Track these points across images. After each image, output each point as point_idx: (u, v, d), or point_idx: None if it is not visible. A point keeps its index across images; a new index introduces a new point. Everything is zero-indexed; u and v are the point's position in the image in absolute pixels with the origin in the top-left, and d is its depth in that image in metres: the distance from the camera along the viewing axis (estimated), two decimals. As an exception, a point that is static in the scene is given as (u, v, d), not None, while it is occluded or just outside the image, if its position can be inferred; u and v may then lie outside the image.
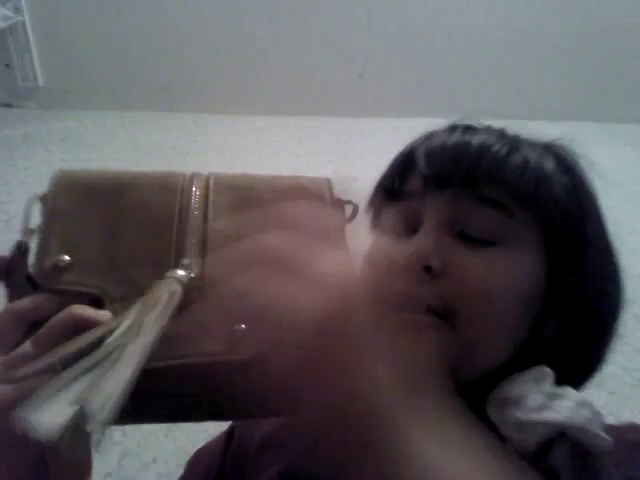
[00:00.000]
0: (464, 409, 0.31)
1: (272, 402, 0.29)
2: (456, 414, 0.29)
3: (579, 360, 0.46)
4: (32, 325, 0.31)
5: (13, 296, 0.32)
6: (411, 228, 0.44)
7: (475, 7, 2.32)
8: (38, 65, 2.42)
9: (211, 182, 0.34)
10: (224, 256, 0.28)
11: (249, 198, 0.34)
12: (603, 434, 0.37)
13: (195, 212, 0.33)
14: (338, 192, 0.37)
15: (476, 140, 0.44)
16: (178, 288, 0.29)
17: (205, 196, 0.34)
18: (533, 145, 0.47)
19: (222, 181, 0.35)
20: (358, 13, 2.33)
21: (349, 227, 0.34)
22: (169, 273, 0.30)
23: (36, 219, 0.35)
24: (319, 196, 0.36)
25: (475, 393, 0.39)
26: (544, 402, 0.38)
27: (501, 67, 2.43)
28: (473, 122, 0.49)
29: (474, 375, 0.42)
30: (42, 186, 0.37)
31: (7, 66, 2.41)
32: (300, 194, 0.36)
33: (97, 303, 0.31)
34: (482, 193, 0.41)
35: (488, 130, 0.48)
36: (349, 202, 0.37)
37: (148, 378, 0.26)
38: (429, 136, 0.51)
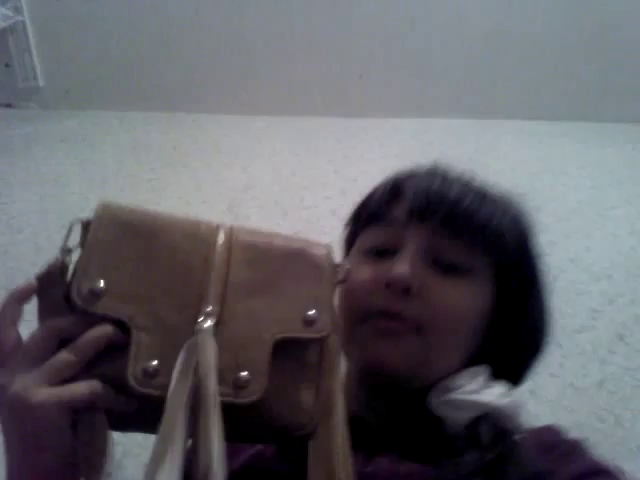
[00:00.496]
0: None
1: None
2: None
3: (514, 366, 0.58)
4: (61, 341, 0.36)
5: (46, 310, 0.37)
6: (391, 249, 0.53)
7: (475, 8, 2.32)
8: (38, 65, 2.42)
9: (234, 237, 0.39)
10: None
11: (264, 258, 0.40)
12: (520, 418, 0.48)
13: (218, 264, 0.37)
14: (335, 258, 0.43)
15: (454, 190, 0.54)
16: (214, 344, 0.34)
17: (228, 250, 0.38)
18: (496, 199, 0.59)
19: (243, 237, 0.40)
20: (359, 13, 2.33)
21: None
22: (199, 325, 0.35)
23: (74, 240, 0.40)
24: (320, 262, 0.42)
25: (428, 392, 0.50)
26: (476, 389, 0.49)
27: (501, 67, 2.43)
28: (448, 168, 0.62)
29: (434, 377, 0.51)
30: (42, 186, 0.39)
31: (7, 66, 2.41)
32: (305, 259, 0.42)
33: (123, 329, 0.36)
34: (455, 232, 0.52)
35: (461, 180, 0.58)
36: (343, 266, 0.44)
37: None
38: (414, 175, 0.61)
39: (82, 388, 0.35)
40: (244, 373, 0.35)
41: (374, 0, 2.31)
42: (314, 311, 0.39)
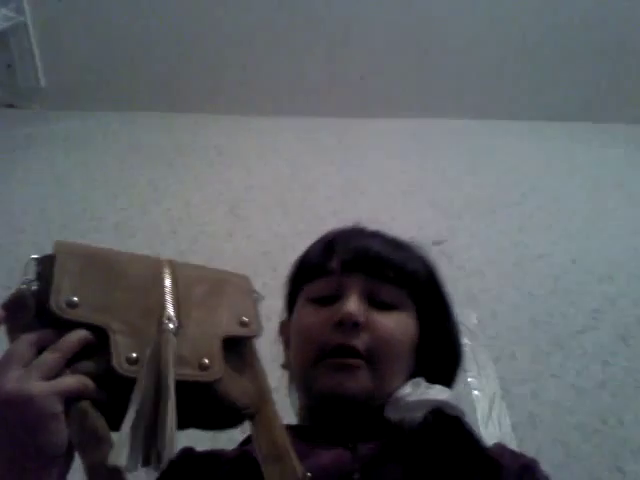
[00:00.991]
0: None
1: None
2: None
3: (443, 374, 0.70)
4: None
5: (17, 331, 0.44)
6: (333, 296, 0.64)
7: (476, 8, 2.32)
8: (40, 66, 2.42)
9: (175, 267, 0.51)
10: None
11: (201, 282, 0.51)
12: (461, 406, 0.59)
13: (169, 285, 0.48)
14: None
15: (374, 244, 0.69)
16: (174, 340, 0.44)
17: (173, 276, 0.49)
18: (407, 247, 0.72)
19: (182, 268, 0.51)
20: (360, 14, 2.33)
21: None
22: (164, 326, 0.44)
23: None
24: (244, 285, 0.55)
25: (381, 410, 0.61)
26: (423, 391, 0.60)
27: (502, 68, 2.43)
28: (371, 226, 0.75)
29: (384, 398, 0.61)
30: (43, 186, 0.40)
31: (9, 67, 2.41)
32: (231, 284, 0.54)
33: (98, 335, 0.43)
34: (380, 277, 0.65)
35: (379, 234, 0.73)
36: (259, 295, 0.55)
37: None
38: (342, 233, 0.74)
39: (72, 380, 0.41)
40: (206, 360, 0.45)
41: (375, 1, 2.31)
42: (246, 318, 0.51)
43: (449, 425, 0.58)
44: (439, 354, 0.70)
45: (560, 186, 2.00)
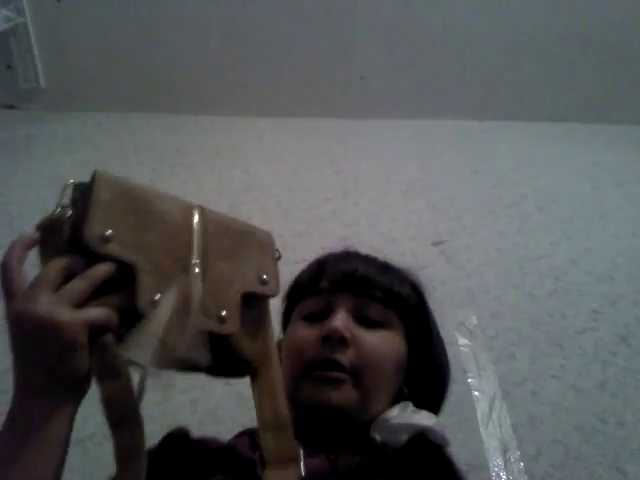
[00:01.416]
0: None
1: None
2: None
3: (430, 399, 0.71)
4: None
5: (48, 254, 0.44)
6: (323, 313, 0.67)
7: (476, 10, 2.32)
8: (40, 67, 2.43)
9: (205, 213, 0.50)
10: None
11: (228, 232, 0.51)
12: (445, 434, 0.60)
13: (198, 232, 0.48)
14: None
15: (361, 266, 0.71)
16: (200, 284, 0.45)
17: (203, 223, 0.49)
18: (396, 270, 0.74)
19: (212, 215, 0.51)
20: (360, 15, 2.33)
21: None
22: (192, 272, 0.45)
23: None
24: (266, 242, 0.55)
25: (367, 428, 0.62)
26: (409, 415, 0.62)
27: (502, 69, 2.43)
28: (358, 249, 0.77)
29: (368, 416, 0.62)
30: (44, 187, 0.41)
31: (9, 68, 2.41)
32: (255, 238, 0.54)
33: (124, 271, 0.44)
34: (368, 296, 0.68)
35: (368, 258, 0.75)
36: (279, 254, 0.55)
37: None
38: (332, 255, 0.76)
39: (100, 311, 0.42)
40: (224, 312, 0.46)
41: (375, 2, 2.31)
42: (266, 276, 0.51)
43: (431, 452, 0.59)
44: (425, 378, 0.71)
45: (560, 186, 2.00)
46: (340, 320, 0.64)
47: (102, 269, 0.43)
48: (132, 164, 2.07)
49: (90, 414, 0.44)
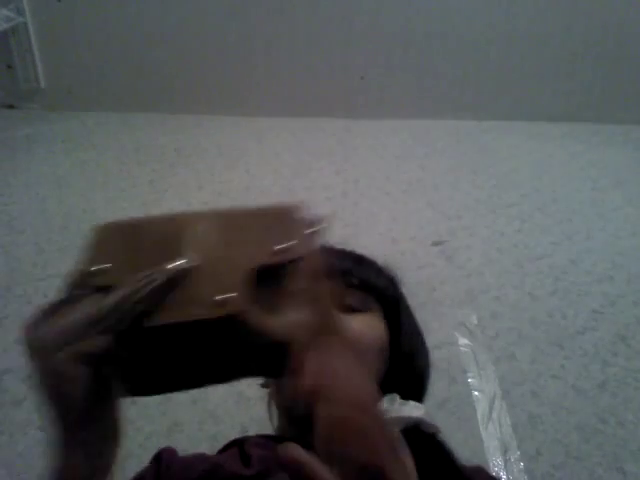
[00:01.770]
0: None
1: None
2: None
3: (414, 388, 0.74)
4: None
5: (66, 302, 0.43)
6: None
7: (476, 9, 2.32)
8: (40, 66, 2.43)
9: (202, 215, 0.47)
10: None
11: (232, 217, 0.47)
12: (434, 423, 0.61)
13: (191, 227, 0.45)
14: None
15: (338, 260, 0.72)
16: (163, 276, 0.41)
17: (195, 222, 0.46)
18: (372, 264, 0.76)
19: (211, 213, 0.47)
20: (360, 15, 2.33)
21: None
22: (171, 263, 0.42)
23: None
24: (290, 210, 0.46)
25: None
26: (398, 408, 0.62)
27: (502, 69, 2.43)
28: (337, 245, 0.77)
29: None
30: (44, 187, 0.40)
31: (9, 67, 2.41)
32: (273, 211, 0.47)
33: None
34: (348, 284, 0.70)
35: (345, 252, 0.76)
36: (317, 221, 0.47)
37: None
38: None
39: (89, 343, 0.40)
40: (218, 297, 0.41)
41: (375, 2, 2.31)
42: (280, 246, 0.44)
43: (425, 442, 0.59)
44: (405, 365, 0.72)
45: (560, 186, 2.00)
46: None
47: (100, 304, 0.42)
48: (132, 164, 2.07)
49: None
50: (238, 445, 0.61)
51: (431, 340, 0.81)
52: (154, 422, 1.09)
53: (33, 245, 1.59)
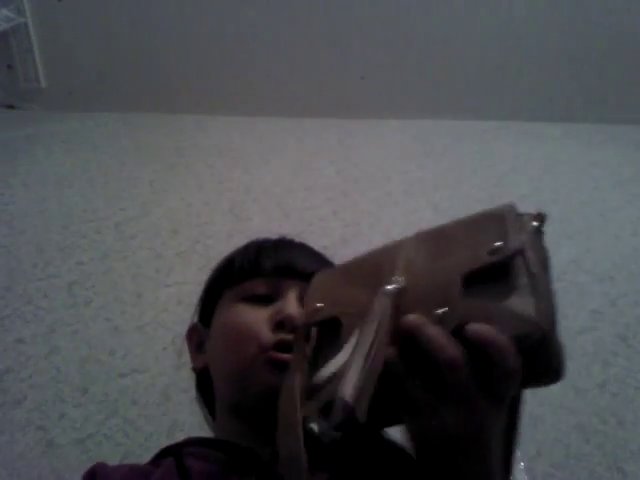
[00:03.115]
0: None
1: None
2: None
3: None
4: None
5: None
6: (267, 297, 0.65)
7: (476, 9, 2.32)
8: (40, 67, 2.43)
9: (414, 238, 0.48)
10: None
11: (438, 233, 0.48)
12: None
13: (400, 264, 0.45)
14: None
15: (306, 255, 0.72)
16: (387, 300, 0.41)
17: (407, 246, 0.47)
18: (316, 255, 0.74)
19: (415, 235, 0.48)
20: (360, 15, 2.33)
21: None
22: (382, 288, 0.42)
23: None
24: (499, 211, 0.47)
25: None
26: None
27: (502, 69, 2.43)
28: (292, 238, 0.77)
29: None
30: (44, 187, 0.39)
31: (9, 67, 2.41)
32: (480, 217, 0.47)
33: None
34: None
35: (306, 247, 0.74)
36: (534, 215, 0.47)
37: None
38: (270, 241, 0.74)
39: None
40: (438, 311, 0.39)
41: (375, 1, 2.31)
42: (493, 245, 0.42)
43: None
44: None
45: (560, 186, 2.00)
46: (293, 307, 0.61)
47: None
48: (132, 164, 2.07)
49: (90, 414, 0.43)
50: (173, 454, 0.57)
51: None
52: (154, 422, 1.09)
53: (34, 245, 1.59)
